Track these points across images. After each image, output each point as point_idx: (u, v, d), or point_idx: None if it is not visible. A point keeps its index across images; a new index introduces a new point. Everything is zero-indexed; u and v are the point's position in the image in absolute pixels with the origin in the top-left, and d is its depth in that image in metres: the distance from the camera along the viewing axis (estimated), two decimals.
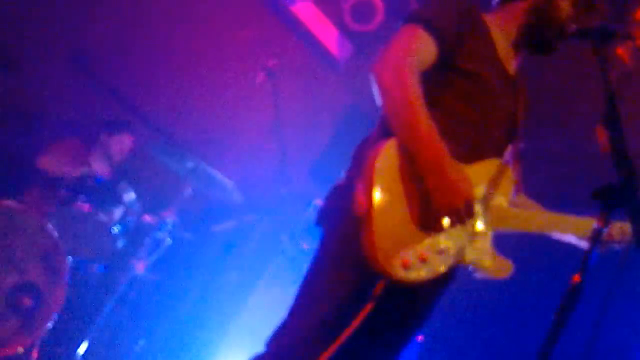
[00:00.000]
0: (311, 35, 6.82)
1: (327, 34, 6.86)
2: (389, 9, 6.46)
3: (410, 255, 2.34)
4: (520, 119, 2.76)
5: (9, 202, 4.41)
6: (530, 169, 2.84)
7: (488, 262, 2.51)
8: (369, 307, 2.41)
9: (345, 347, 2.40)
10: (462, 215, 2.37)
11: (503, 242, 2.58)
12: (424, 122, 2.33)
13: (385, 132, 2.44)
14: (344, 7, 6.64)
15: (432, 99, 2.42)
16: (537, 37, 2.73)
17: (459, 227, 2.42)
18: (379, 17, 6.40)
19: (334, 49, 6.95)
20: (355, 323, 2.39)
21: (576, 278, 2.02)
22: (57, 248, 4.46)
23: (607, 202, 2.10)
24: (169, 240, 5.03)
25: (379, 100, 2.43)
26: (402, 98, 2.35)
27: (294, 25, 6.73)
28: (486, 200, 2.54)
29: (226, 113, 6.32)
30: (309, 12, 6.72)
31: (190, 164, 5.02)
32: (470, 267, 2.50)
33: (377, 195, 2.31)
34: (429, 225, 2.38)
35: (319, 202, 4.88)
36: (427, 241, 2.38)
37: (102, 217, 4.82)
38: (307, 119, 6.63)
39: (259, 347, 2.51)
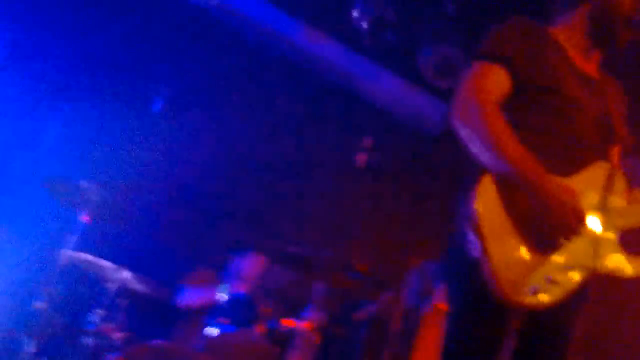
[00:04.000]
0: (402, 107, 6.87)
1: (417, 101, 6.89)
2: (467, 57, 6.44)
3: (538, 280, 2.34)
4: (616, 117, 2.71)
5: (158, 342, 4.55)
6: None
7: (620, 265, 2.48)
8: (513, 343, 2.43)
9: None
10: (575, 227, 2.35)
11: None
12: (513, 150, 2.36)
13: (477, 171, 2.44)
14: (425, 69, 6.65)
15: (520, 123, 2.46)
16: (607, 36, 2.72)
17: (578, 238, 2.39)
18: (460, 68, 6.38)
19: (428, 112, 6.96)
20: None
21: None
22: None
23: None
24: (317, 340, 5.04)
25: (465, 141, 2.46)
26: (485, 134, 2.38)
27: (383, 102, 6.80)
28: (603, 204, 2.50)
29: (343, 203, 6.39)
30: (393, 86, 6.78)
31: (317, 263, 5.06)
32: (604, 273, 2.47)
33: (487, 233, 2.32)
34: (546, 246, 2.37)
35: None
36: (550, 262, 2.37)
37: (249, 333, 4.88)
38: (423, 187, 6.62)
39: None
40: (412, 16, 6.28)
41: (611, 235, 2.50)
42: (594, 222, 2.48)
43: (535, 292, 2.32)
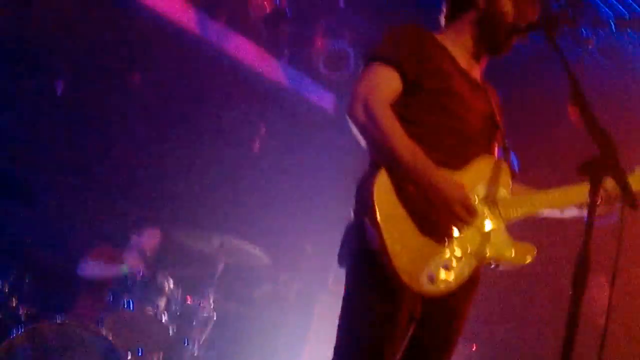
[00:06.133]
0: (295, 95, 7.15)
1: (308, 89, 7.20)
2: (358, 54, 6.76)
3: (433, 268, 2.51)
4: (498, 117, 2.94)
5: (61, 320, 4.63)
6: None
7: (509, 253, 2.67)
8: (410, 328, 2.60)
9: None
10: (464, 217, 2.55)
11: None
12: (403, 147, 2.53)
13: (376, 165, 2.61)
14: (318, 60, 6.95)
15: (411, 120, 2.66)
16: (491, 41, 2.94)
17: (469, 229, 2.60)
18: (351, 62, 6.71)
19: (319, 101, 7.30)
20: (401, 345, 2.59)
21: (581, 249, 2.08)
22: (115, 350, 4.71)
23: (594, 174, 2.19)
24: (214, 316, 5.30)
25: (359, 137, 2.64)
26: (376, 130, 2.56)
27: (278, 91, 7.07)
28: (490, 196, 2.71)
29: (236, 186, 6.61)
30: (286, 74, 7.07)
31: (217, 242, 5.32)
32: (494, 263, 2.66)
33: (385, 225, 2.47)
34: (440, 236, 2.56)
35: None
36: (444, 251, 2.55)
37: (150, 310, 5.09)
38: (312, 169, 6.93)
39: None
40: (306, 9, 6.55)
41: (499, 226, 2.69)
42: (482, 214, 2.66)
43: (432, 280, 2.48)
